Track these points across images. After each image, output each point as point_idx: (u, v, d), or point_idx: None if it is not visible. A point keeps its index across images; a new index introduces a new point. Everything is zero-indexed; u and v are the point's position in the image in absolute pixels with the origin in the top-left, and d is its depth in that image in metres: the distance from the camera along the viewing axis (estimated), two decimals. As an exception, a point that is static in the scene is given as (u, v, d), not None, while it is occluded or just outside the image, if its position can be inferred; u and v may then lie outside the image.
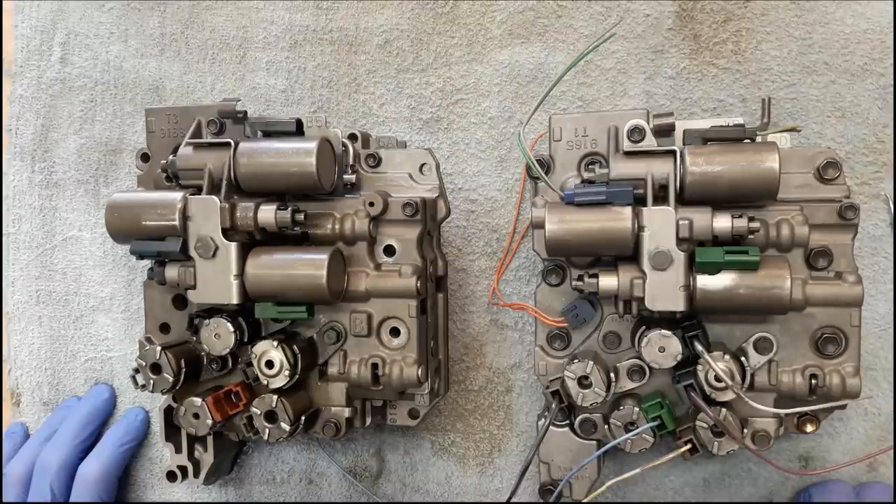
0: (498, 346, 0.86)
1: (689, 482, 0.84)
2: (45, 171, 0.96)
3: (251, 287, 0.72)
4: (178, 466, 0.83)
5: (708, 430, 0.70)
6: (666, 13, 0.82)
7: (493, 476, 0.88)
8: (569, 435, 0.75)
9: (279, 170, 0.71)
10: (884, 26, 0.77)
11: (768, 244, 0.68)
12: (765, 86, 0.80)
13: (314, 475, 0.92)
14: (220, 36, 0.91)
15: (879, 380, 0.79)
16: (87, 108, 0.95)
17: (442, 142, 0.87)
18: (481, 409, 0.87)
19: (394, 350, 0.75)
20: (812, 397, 0.69)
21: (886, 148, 0.78)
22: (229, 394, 0.77)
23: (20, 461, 0.89)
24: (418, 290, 0.73)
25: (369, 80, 0.88)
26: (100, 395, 0.94)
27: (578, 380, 0.71)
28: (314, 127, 0.75)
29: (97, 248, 0.95)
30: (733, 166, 0.64)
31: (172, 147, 0.78)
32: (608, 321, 0.74)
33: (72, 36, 0.95)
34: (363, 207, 0.74)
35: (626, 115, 0.70)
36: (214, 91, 0.92)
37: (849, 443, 0.81)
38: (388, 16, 0.87)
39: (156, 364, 0.75)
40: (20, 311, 0.97)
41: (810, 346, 0.69)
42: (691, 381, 0.69)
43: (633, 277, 0.67)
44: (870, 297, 0.75)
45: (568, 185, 0.71)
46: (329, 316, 0.76)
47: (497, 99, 0.85)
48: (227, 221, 0.70)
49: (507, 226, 0.85)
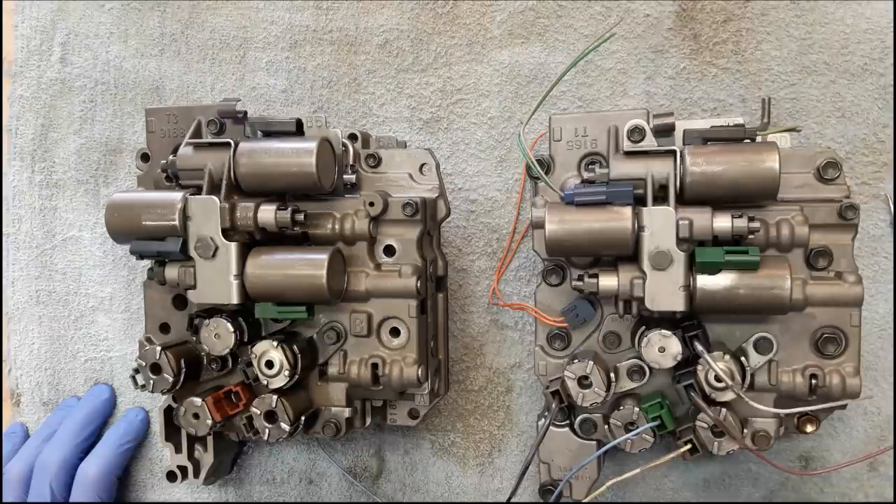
0: (498, 346, 0.86)
1: (689, 482, 0.84)
2: (45, 171, 0.96)
3: (251, 287, 0.72)
4: (178, 466, 0.83)
5: (708, 430, 0.70)
6: (666, 13, 0.82)
7: (493, 476, 0.88)
8: (569, 435, 0.75)
9: (279, 170, 0.71)
10: (884, 26, 0.77)
11: (768, 244, 0.68)
12: (765, 86, 0.80)
13: (314, 475, 0.92)
14: (220, 36, 0.91)
15: (879, 380, 0.79)
16: (87, 108, 0.95)
17: (442, 142, 0.87)
18: (481, 409, 0.87)
19: (394, 350, 0.75)
20: (812, 397, 0.69)
21: (886, 148, 0.78)
22: (229, 394, 0.77)
23: (20, 461, 0.89)
24: (418, 290, 0.73)
25: (369, 80, 0.88)
26: (100, 395, 0.94)
27: (578, 380, 0.71)
28: (314, 127, 0.75)
29: (97, 248, 0.95)
30: (733, 166, 0.64)
31: (172, 147, 0.78)
32: (608, 321, 0.74)
33: (72, 36, 0.95)
34: (363, 207, 0.74)
35: (626, 115, 0.70)
36: (214, 91, 0.92)
37: (849, 443, 0.81)
38: (388, 16, 0.87)
39: (156, 364, 0.75)
40: (20, 311, 0.97)
41: (810, 346, 0.69)
42: (691, 381, 0.69)
43: (633, 277, 0.67)
44: (870, 297, 0.75)
45: (568, 185, 0.71)
46: (329, 316, 0.76)
47: (497, 99, 0.85)
48: (227, 221, 0.71)
49: (507, 226, 0.85)
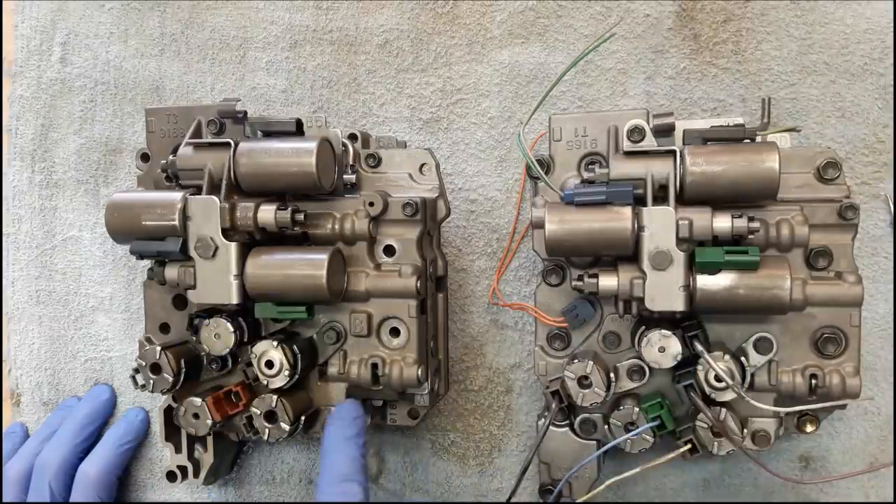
0: (498, 346, 0.86)
1: (689, 482, 0.84)
2: (45, 171, 0.96)
3: (251, 287, 0.72)
4: (178, 466, 0.83)
5: (708, 430, 0.70)
6: (666, 13, 0.82)
7: (493, 476, 0.88)
8: (569, 435, 0.75)
9: (279, 170, 0.71)
10: (884, 26, 0.77)
11: (768, 244, 0.68)
12: (765, 86, 0.80)
13: (314, 475, 0.92)
14: (220, 36, 0.91)
15: (879, 380, 0.79)
16: (87, 108, 0.95)
17: (442, 142, 0.87)
18: (481, 409, 0.88)
19: (394, 350, 0.75)
20: (812, 397, 0.69)
21: (886, 148, 0.78)
22: (229, 394, 0.77)
23: (19, 460, 0.89)
24: (418, 290, 0.73)
25: (369, 80, 0.88)
26: (100, 396, 0.94)
27: (578, 380, 0.71)
28: (314, 127, 0.75)
29: (97, 248, 0.95)
30: (733, 166, 0.64)
31: (172, 147, 0.78)
32: (608, 321, 0.74)
33: (72, 36, 0.95)
34: (363, 207, 0.74)
35: (626, 115, 0.70)
36: (214, 91, 0.92)
37: (849, 443, 0.81)
38: (388, 16, 0.87)
39: (156, 364, 0.75)
40: (20, 311, 0.97)
41: (810, 346, 0.69)
42: (691, 381, 0.69)
43: (633, 277, 0.67)
44: (870, 297, 0.75)
45: (568, 185, 0.71)
46: (329, 316, 0.76)
47: (497, 99, 0.85)
48: (227, 221, 0.71)
49: (507, 226, 0.85)
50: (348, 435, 0.71)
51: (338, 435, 0.71)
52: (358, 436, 0.71)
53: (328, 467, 0.68)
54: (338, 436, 0.71)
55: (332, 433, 0.71)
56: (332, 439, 0.71)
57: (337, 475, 0.67)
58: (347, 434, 0.71)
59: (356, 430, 0.71)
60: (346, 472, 0.67)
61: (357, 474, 0.67)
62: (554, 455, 0.75)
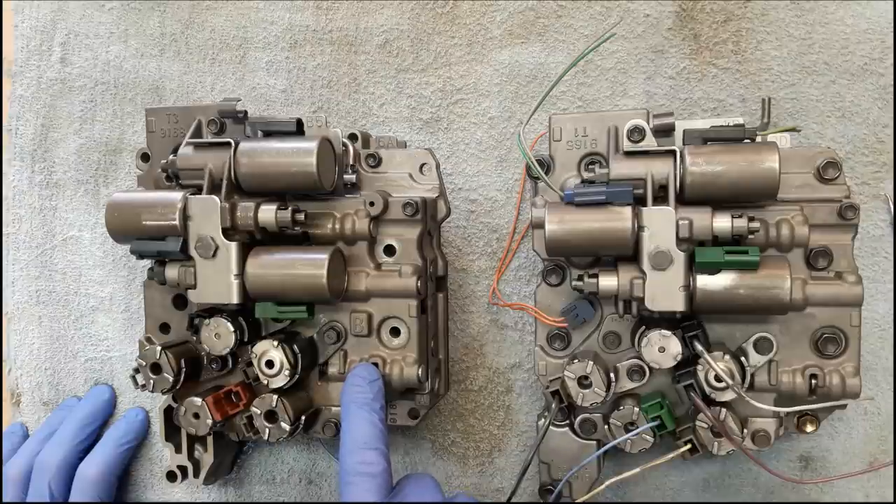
0: (498, 346, 0.86)
1: (689, 482, 0.84)
2: (45, 171, 0.96)
3: (251, 287, 0.72)
4: (178, 466, 0.83)
5: (708, 430, 0.70)
6: (666, 13, 0.82)
7: (493, 476, 0.88)
8: (569, 435, 0.75)
9: (279, 169, 0.71)
10: (884, 26, 0.78)
11: (768, 244, 0.68)
12: (765, 86, 0.80)
13: (314, 475, 0.92)
14: (220, 36, 0.91)
15: (879, 380, 0.80)
16: (87, 108, 0.95)
17: (442, 142, 0.87)
18: (481, 409, 0.88)
19: (394, 350, 0.75)
20: (812, 397, 0.69)
21: (886, 148, 0.78)
22: (229, 394, 0.77)
23: (19, 460, 0.89)
24: (418, 289, 0.73)
25: (369, 80, 0.88)
26: (100, 396, 0.94)
27: (578, 380, 0.71)
28: (314, 127, 0.75)
29: (97, 248, 0.95)
30: (733, 166, 0.64)
31: (172, 147, 0.78)
32: (608, 321, 0.74)
33: (72, 36, 0.95)
34: (363, 207, 0.74)
35: (626, 115, 0.70)
36: (214, 91, 0.92)
37: (849, 442, 0.81)
38: (388, 16, 0.87)
39: (156, 364, 0.75)
40: (20, 311, 0.97)
41: (810, 346, 0.69)
42: (691, 381, 0.69)
43: (633, 277, 0.67)
44: (870, 297, 0.75)
45: (568, 185, 0.71)
46: (329, 316, 0.76)
47: (497, 99, 0.85)
48: (228, 221, 0.71)
49: (507, 226, 0.85)
50: (366, 399, 0.70)
51: (356, 399, 0.70)
52: (374, 399, 0.70)
53: (347, 433, 0.68)
54: (356, 400, 0.70)
55: (349, 398, 0.71)
56: (349, 405, 0.70)
57: (357, 442, 0.66)
58: (365, 398, 0.70)
59: (373, 393, 0.71)
60: (366, 439, 0.66)
61: (376, 440, 0.67)
62: (554, 455, 0.75)
